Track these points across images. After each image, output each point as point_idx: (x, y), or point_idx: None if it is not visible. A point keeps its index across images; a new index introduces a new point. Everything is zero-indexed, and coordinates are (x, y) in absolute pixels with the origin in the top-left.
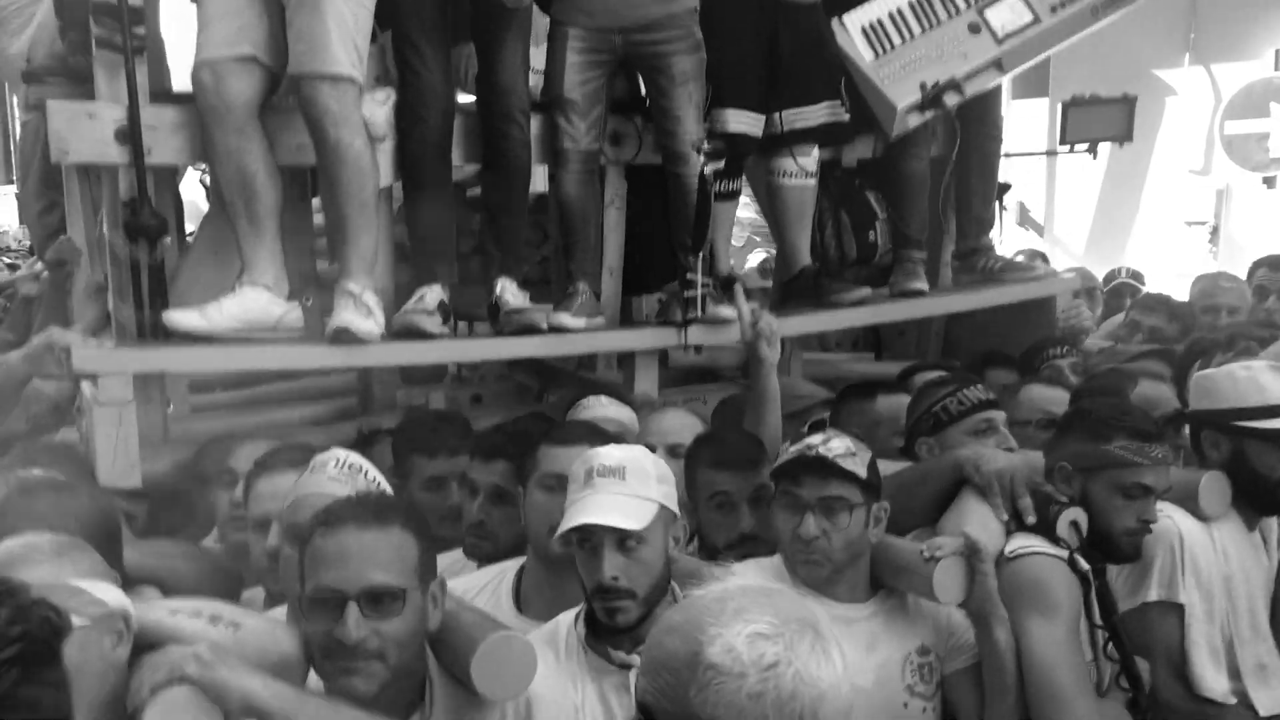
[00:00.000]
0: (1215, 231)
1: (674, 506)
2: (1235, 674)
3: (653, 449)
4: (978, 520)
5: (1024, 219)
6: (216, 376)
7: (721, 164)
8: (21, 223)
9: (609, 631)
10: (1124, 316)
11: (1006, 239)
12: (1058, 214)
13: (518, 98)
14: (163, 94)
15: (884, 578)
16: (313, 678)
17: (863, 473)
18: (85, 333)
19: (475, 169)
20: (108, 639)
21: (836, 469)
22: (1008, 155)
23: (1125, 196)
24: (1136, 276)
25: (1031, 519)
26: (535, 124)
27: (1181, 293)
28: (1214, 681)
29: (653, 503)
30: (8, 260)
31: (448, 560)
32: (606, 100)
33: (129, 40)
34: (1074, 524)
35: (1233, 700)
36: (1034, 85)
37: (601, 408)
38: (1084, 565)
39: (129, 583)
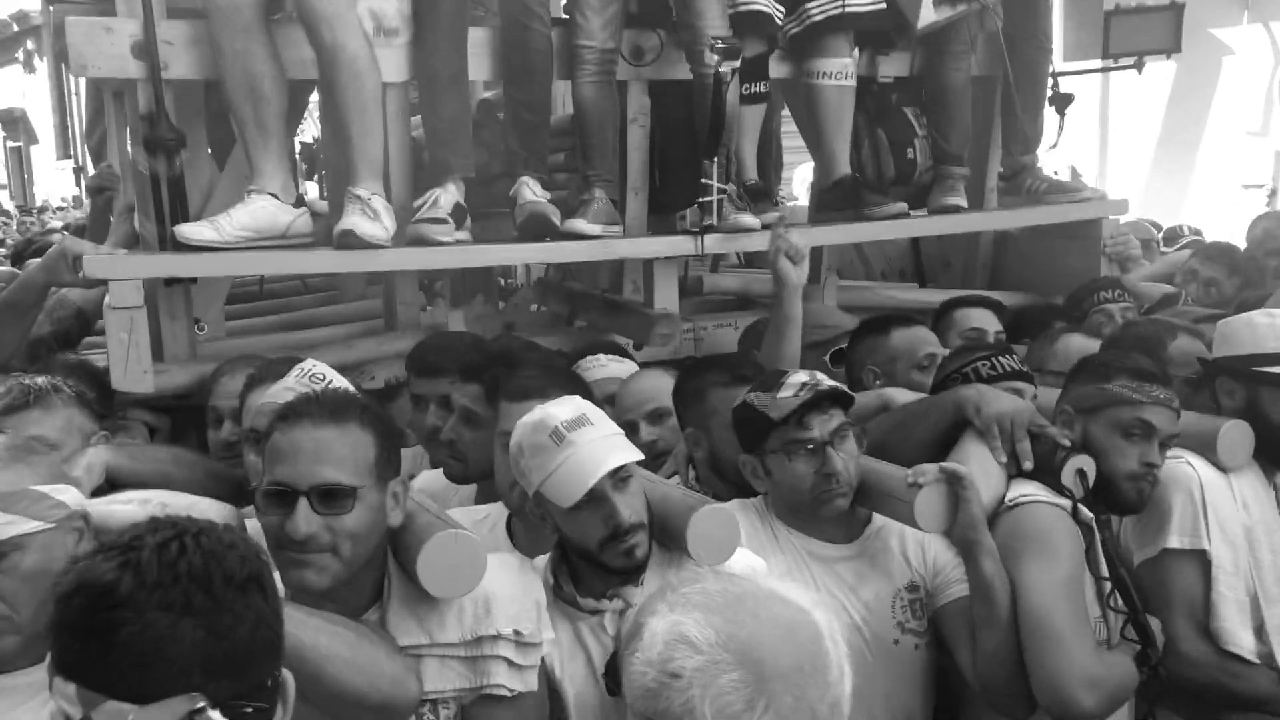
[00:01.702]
0: (1274, 194)
1: None
2: (1259, 632)
3: (635, 425)
4: (976, 462)
5: (1076, 184)
6: (249, 299)
7: (737, 62)
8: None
9: (627, 573)
10: (1185, 261)
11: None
12: (1110, 177)
13: None
14: (184, 10)
15: (866, 503)
16: None
17: (849, 396)
18: (117, 247)
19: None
20: (70, 537)
21: (843, 396)
22: (1064, 73)
23: (1180, 159)
24: (1196, 233)
25: (1029, 464)
26: (556, 35)
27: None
28: (1241, 636)
29: (622, 433)
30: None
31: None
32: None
33: None
34: (1080, 472)
35: (1256, 660)
36: (1084, 47)
37: (602, 367)
38: (1087, 515)
39: (119, 486)
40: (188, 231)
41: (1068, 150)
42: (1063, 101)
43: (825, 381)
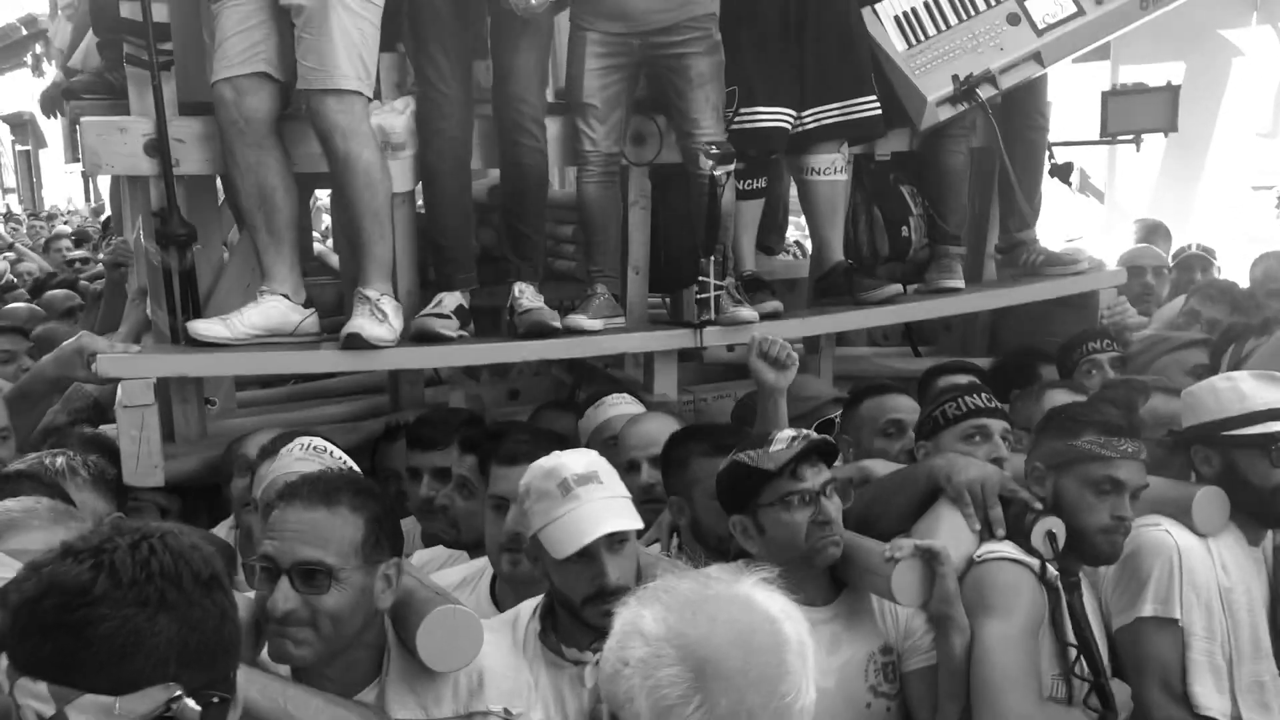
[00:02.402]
0: None
1: None
2: (1231, 696)
3: (637, 464)
4: (949, 529)
5: (1084, 185)
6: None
7: (732, 166)
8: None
9: (600, 631)
10: (1184, 303)
11: (1068, 207)
12: (1119, 180)
13: (530, 106)
14: (197, 105)
15: (846, 576)
16: None
17: (835, 451)
18: (129, 334)
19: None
20: None
21: (830, 449)
22: (1056, 144)
23: (1189, 161)
24: (1208, 251)
25: (1001, 531)
26: (556, 126)
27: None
28: (1215, 700)
29: (628, 498)
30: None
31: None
32: (627, 104)
33: (154, 56)
34: (1050, 534)
35: None
36: (1094, 49)
37: (625, 404)
38: (1053, 573)
39: None
40: (201, 329)
41: (1077, 153)
42: (1063, 172)
43: (815, 434)
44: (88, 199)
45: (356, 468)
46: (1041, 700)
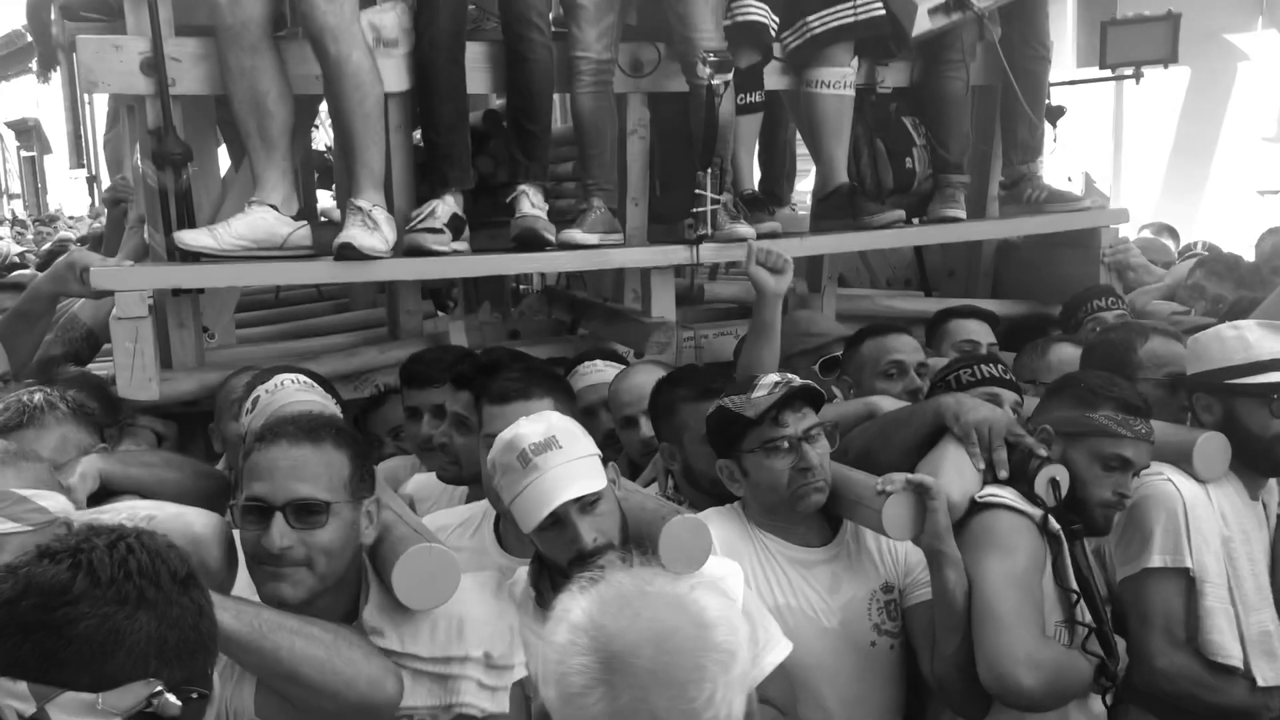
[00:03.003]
0: None
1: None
2: (1240, 642)
3: (633, 420)
4: (953, 467)
5: (1089, 189)
6: (258, 308)
7: (729, 75)
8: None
9: None
10: (1188, 276)
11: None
12: (1124, 184)
13: (536, 2)
14: (192, 27)
15: (838, 510)
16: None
17: (821, 396)
18: (128, 258)
19: None
20: None
21: (810, 393)
22: (1061, 84)
23: (1195, 165)
24: (1213, 250)
25: (1004, 474)
26: (555, 48)
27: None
28: (1232, 646)
29: (594, 455)
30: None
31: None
32: (620, 10)
33: None
34: (1053, 481)
35: (1241, 667)
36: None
37: (598, 372)
38: (1055, 526)
39: (114, 492)
40: (187, 238)
41: (1082, 157)
42: (1055, 114)
43: (797, 380)
44: (92, 205)
45: (335, 407)
46: (1043, 637)
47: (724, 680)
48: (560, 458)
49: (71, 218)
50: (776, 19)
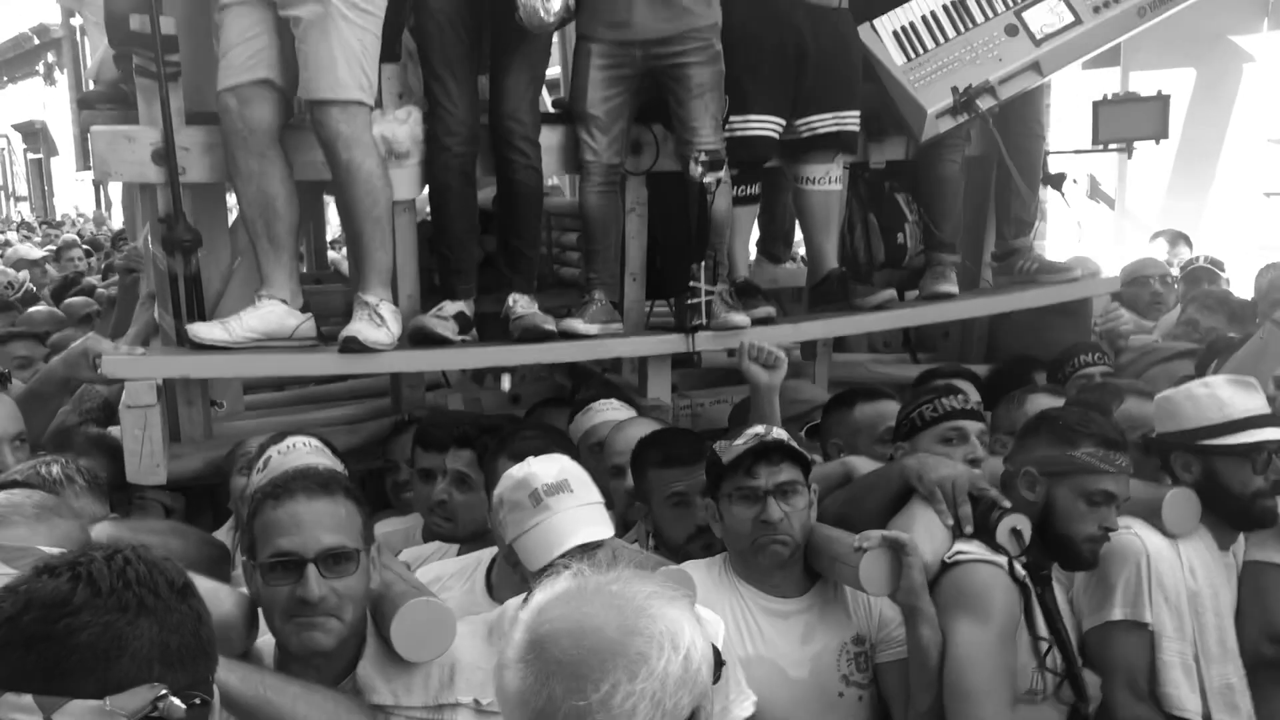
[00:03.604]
0: None
1: None
2: (1201, 697)
3: (621, 469)
4: (923, 525)
5: (1094, 192)
6: (266, 381)
7: (721, 173)
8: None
9: None
10: (1181, 312)
11: (1077, 213)
12: (1130, 186)
13: (521, 125)
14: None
15: (818, 566)
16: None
17: (805, 456)
18: (137, 337)
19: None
20: None
21: (790, 451)
22: (1051, 152)
23: (1201, 167)
24: (1216, 264)
25: (969, 528)
26: (559, 135)
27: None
28: (1188, 700)
29: (601, 504)
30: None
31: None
32: (629, 115)
33: (161, 67)
34: (1015, 531)
35: None
36: (1104, 55)
37: (611, 410)
38: (1020, 573)
39: None
40: (200, 332)
41: (1087, 160)
42: (1056, 182)
43: (776, 435)
44: (98, 207)
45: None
46: (1012, 706)
47: (626, 687)
48: (571, 501)
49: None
50: (780, 120)
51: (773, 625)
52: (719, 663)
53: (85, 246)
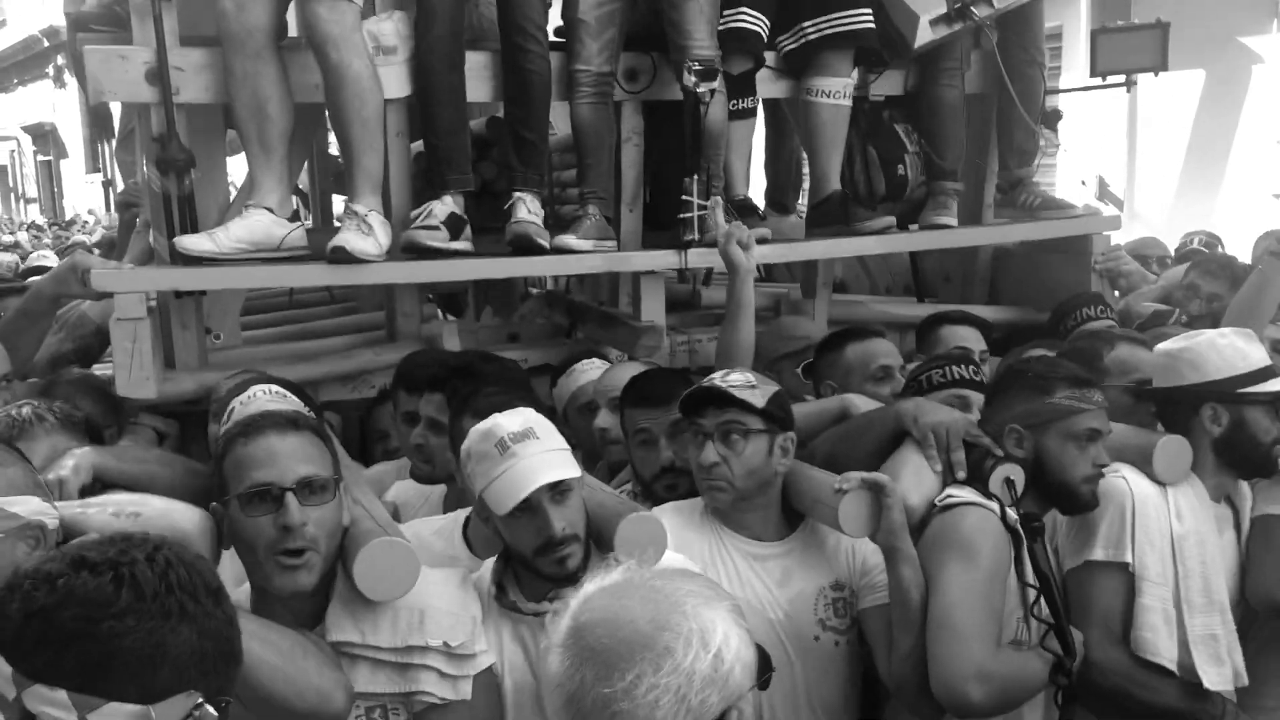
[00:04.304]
0: None
1: None
2: (1183, 645)
3: (595, 407)
4: (912, 471)
5: (1103, 193)
6: (263, 307)
7: (715, 82)
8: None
9: (560, 581)
10: (1184, 275)
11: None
12: (1138, 187)
13: (531, 9)
14: (196, 38)
15: (799, 506)
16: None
17: (760, 403)
18: (133, 260)
19: None
20: (20, 546)
21: (731, 398)
22: (1061, 90)
23: (1209, 169)
24: (1210, 243)
25: (963, 474)
26: (557, 60)
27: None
28: (1164, 647)
29: (567, 449)
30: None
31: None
32: (620, 24)
33: None
34: (1008, 480)
35: (1176, 670)
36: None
37: (595, 369)
38: (1013, 518)
39: (106, 486)
40: (186, 243)
41: (1096, 160)
42: (1053, 118)
43: (723, 381)
44: (108, 209)
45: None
46: (997, 649)
47: (651, 679)
48: (537, 447)
49: (87, 222)
50: (768, 23)
51: (749, 567)
52: (767, 669)
53: (95, 247)
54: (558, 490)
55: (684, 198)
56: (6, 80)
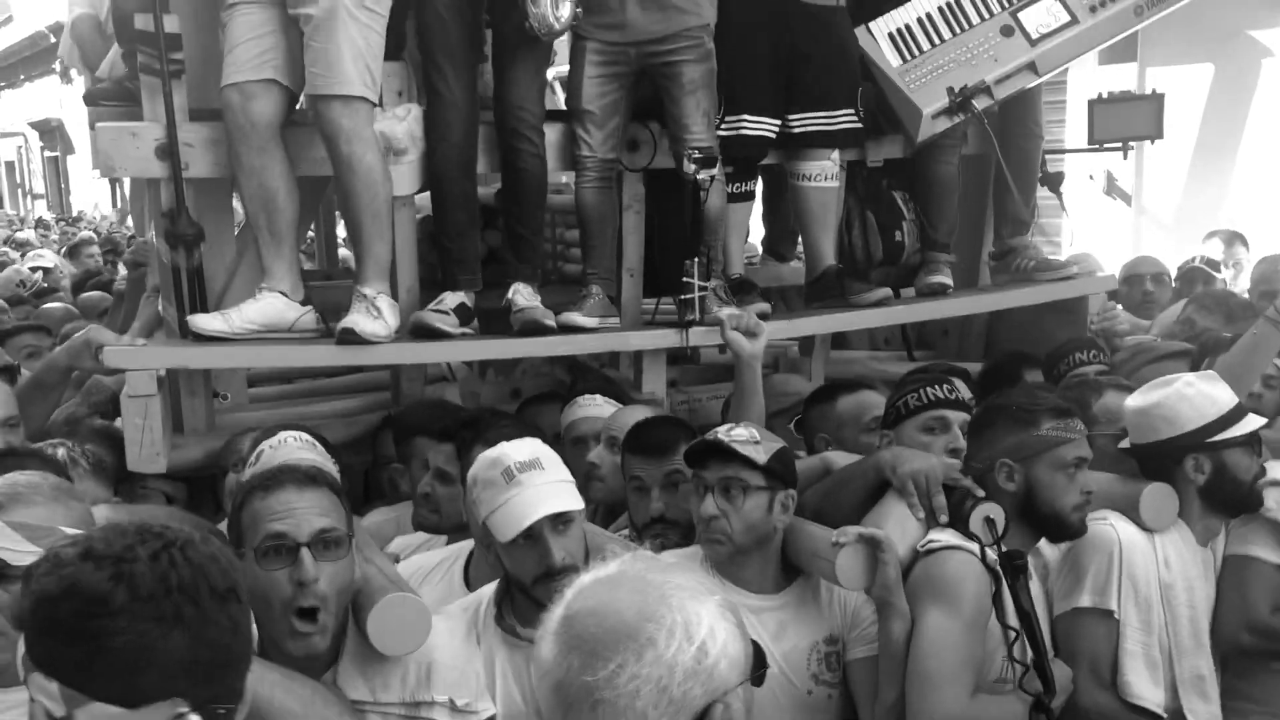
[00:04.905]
0: None
1: None
2: (1171, 688)
3: (584, 440)
4: (895, 519)
5: (1111, 188)
6: (272, 375)
7: (714, 170)
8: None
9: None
10: (1181, 310)
11: (1094, 209)
12: (1146, 182)
13: (528, 114)
14: (204, 111)
15: (796, 560)
16: None
17: (762, 459)
18: (141, 330)
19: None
20: None
21: (734, 454)
22: (1052, 152)
23: (1219, 162)
24: (1211, 265)
25: (944, 518)
26: (556, 133)
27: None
28: (1147, 690)
29: (572, 482)
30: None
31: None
32: (624, 112)
33: (165, 65)
34: (988, 519)
35: (1163, 714)
36: (1121, 51)
37: (595, 406)
38: (993, 558)
39: None
40: (200, 323)
41: (1104, 156)
42: (1054, 181)
43: (726, 435)
44: (115, 205)
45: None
46: (972, 696)
47: (633, 668)
48: (543, 477)
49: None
50: (774, 123)
51: (746, 620)
52: (761, 666)
53: (101, 244)
54: (560, 521)
55: (685, 280)
56: (13, 76)
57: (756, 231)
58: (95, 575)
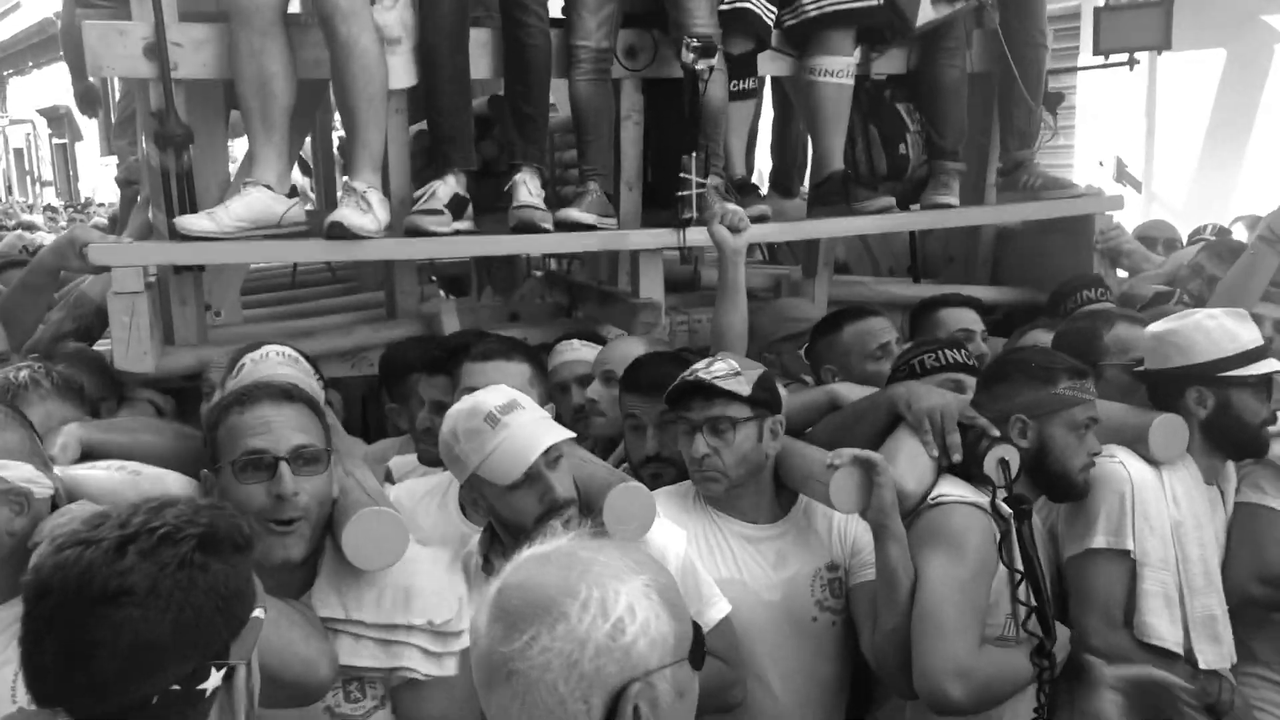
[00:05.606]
0: None
1: None
2: (1184, 628)
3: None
4: (907, 456)
5: (1121, 174)
6: (265, 286)
7: (713, 60)
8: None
9: None
10: (1194, 255)
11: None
12: (1157, 169)
13: None
14: (195, 14)
15: (790, 483)
16: None
17: (746, 390)
18: (132, 236)
19: None
20: (4, 510)
21: (717, 390)
22: (1062, 70)
23: (1230, 148)
24: (1222, 234)
25: (958, 456)
26: (556, 39)
27: None
28: (1167, 631)
29: (549, 416)
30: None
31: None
32: (619, 0)
33: None
34: (1002, 461)
35: (1180, 652)
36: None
37: (573, 350)
38: (1005, 509)
39: (95, 457)
40: (186, 222)
41: (1115, 140)
42: (1053, 101)
43: (707, 373)
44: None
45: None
46: (979, 646)
47: (544, 641)
48: (526, 416)
49: (102, 205)
50: (773, 7)
51: (745, 550)
52: (700, 651)
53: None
54: (552, 456)
55: (682, 175)
56: (21, 63)
57: (761, 167)
58: (82, 562)
